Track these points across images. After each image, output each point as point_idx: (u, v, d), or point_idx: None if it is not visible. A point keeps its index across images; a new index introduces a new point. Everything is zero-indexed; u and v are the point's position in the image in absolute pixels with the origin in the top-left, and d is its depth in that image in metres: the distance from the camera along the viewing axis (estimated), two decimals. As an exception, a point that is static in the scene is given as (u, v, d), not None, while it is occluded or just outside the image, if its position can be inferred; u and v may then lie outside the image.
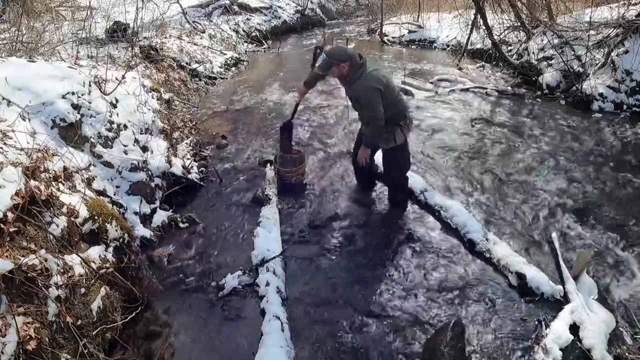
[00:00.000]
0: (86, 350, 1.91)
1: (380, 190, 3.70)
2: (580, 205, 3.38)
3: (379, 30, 11.99)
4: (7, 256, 1.73)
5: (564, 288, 2.48)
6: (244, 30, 11.56)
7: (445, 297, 2.56)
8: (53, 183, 2.31)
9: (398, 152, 3.16)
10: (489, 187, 3.72)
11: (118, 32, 6.54)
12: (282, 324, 2.30)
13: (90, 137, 3.08)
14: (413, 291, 2.62)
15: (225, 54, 8.97)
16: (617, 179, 3.74)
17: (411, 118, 3.18)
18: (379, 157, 3.48)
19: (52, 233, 2.02)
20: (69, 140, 2.80)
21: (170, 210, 3.50)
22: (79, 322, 1.97)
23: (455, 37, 9.80)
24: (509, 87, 6.53)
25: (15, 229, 1.86)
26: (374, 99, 2.88)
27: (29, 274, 1.76)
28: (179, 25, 9.56)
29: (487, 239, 2.90)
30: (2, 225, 1.79)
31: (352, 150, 4.15)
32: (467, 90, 6.50)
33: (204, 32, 9.64)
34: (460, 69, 7.89)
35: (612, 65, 5.45)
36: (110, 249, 2.42)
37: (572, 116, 5.25)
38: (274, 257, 2.82)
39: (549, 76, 6.15)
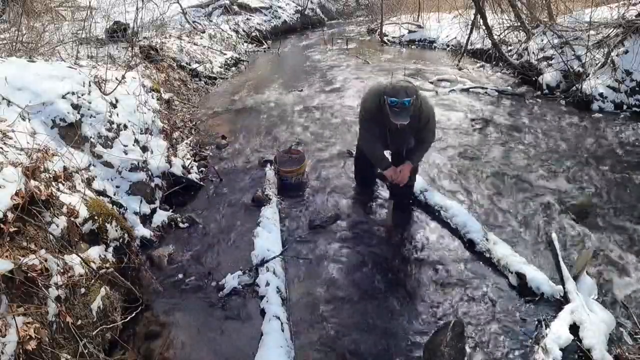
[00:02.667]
0: (86, 350, 1.91)
1: (380, 190, 3.70)
2: (580, 205, 3.38)
3: (379, 30, 11.99)
4: (7, 256, 1.73)
5: (564, 288, 2.48)
6: (244, 30, 11.57)
7: (445, 297, 2.56)
8: (53, 183, 2.30)
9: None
10: (488, 187, 3.72)
11: (118, 32, 6.54)
12: (282, 324, 2.30)
13: (90, 137, 3.08)
14: (413, 291, 2.62)
15: (225, 54, 8.98)
16: (617, 179, 3.74)
17: None
18: None
19: (52, 233, 2.02)
20: (69, 140, 2.80)
21: (170, 210, 3.50)
22: (79, 322, 1.97)
23: (455, 37, 9.80)
24: (509, 87, 6.53)
25: (15, 229, 1.85)
26: (435, 120, 2.88)
27: (29, 274, 1.76)
28: (179, 25, 9.57)
29: (487, 239, 2.90)
30: (2, 225, 1.79)
31: (351, 151, 4.17)
32: (467, 90, 6.50)
33: (204, 32, 9.64)
34: (460, 69, 7.89)
35: (612, 65, 5.45)
36: (110, 249, 2.42)
37: (572, 116, 5.25)
38: (274, 257, 2.81)
39: (549, 76, 6.15)
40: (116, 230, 2.48)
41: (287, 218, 3.40)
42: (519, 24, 7.50)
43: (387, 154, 3.25)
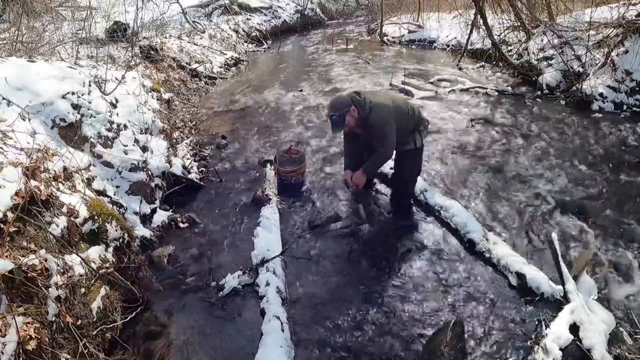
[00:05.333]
0: (86, 350, 1.91)
1: (380, 190, 3.70)
2: (580, 205, 3.38)
3: (379, 30, 12.00)
4: (7, 256, 1.73)
5: (564, 288, 2.48)
6: (244, 30, 11.58)
7: (445, 297, 2.56)
8: (53, 183, 2.30)
9: (415, 155, 3.23)
10: (488, 187, 3.72)
11: (118, 32, 6.54)
12: (282, 324, 2.30)
13: (90, 137, 3.08)
14: (413, 291, 2.62)
15: (225, 54, 8.98)
16: (617, 179, 3.74)
17: (428, 120, 3.23)
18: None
19: (52, 233, 2.02)
20: (69, 140, 2.80)
21: (170, 210, 3.50)
22: (79, 322, 1.97)
23: (455, 37, 9.81)
24: (509, 87, 6.53)
25: (15, 229, 1.85)
26: (389, 128, 2.89)
27: (29, 274, 1.76)
28: (179, 25, 9.58)
29: (487, 239, 2.90)
30: (2, 225, 1.79)
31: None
32: (467, 90, 6.50)
33: (204, 32, 9.65)
34: (460, 69, 7.89)
35: (612, 65, 5.44)
36: (110, 249, 2.42)
37: (572, 116, 5.25)
38: (274, 257, 2.82)
39: (549, 76, 6.15)
40: (116, 230, 2.48)
41: (287, 218, 3.40)
42: (519, 24, 7.49)
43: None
